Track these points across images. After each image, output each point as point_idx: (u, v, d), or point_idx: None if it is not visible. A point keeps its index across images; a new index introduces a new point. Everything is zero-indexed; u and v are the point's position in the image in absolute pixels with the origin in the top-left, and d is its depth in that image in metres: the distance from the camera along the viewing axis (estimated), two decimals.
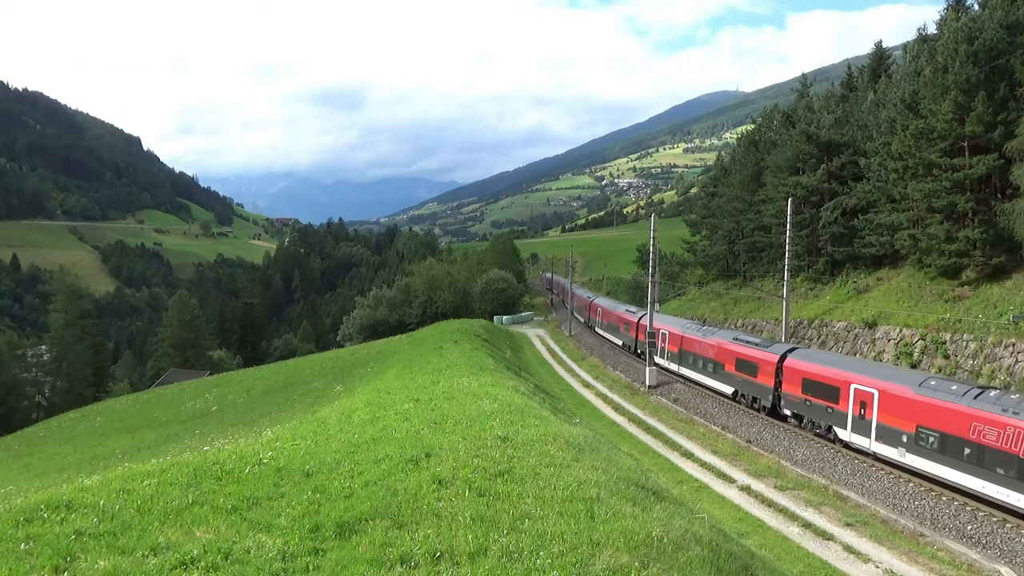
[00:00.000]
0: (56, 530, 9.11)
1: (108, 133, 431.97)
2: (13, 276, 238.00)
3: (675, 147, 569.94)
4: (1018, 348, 28.89)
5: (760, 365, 32.69)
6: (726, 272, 67.60)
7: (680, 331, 42.66)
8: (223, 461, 13.00)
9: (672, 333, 43.66)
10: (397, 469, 11.94)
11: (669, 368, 43.99)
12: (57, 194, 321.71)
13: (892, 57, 55.88)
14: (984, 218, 34.85)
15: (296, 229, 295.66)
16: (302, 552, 8.42)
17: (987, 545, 18.97)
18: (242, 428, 29.45)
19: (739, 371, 34.63)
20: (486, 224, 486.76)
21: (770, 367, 31.79)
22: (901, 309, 37.13)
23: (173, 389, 67.14)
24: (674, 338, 43.17)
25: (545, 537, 8.42)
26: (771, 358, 31.89)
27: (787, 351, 31.48)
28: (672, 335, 43.61)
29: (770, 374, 31.77)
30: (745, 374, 34.03)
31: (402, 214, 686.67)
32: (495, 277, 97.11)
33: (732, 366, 35.33)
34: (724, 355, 36.32)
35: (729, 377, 35.76)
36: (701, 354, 39.02)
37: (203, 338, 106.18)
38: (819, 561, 17.86)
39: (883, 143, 41.46)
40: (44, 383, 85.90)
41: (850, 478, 24.86)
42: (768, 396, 31.91)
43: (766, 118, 67.89)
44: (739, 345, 35.38)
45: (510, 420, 16.71)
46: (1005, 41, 34.21)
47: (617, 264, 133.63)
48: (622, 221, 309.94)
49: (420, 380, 28.60)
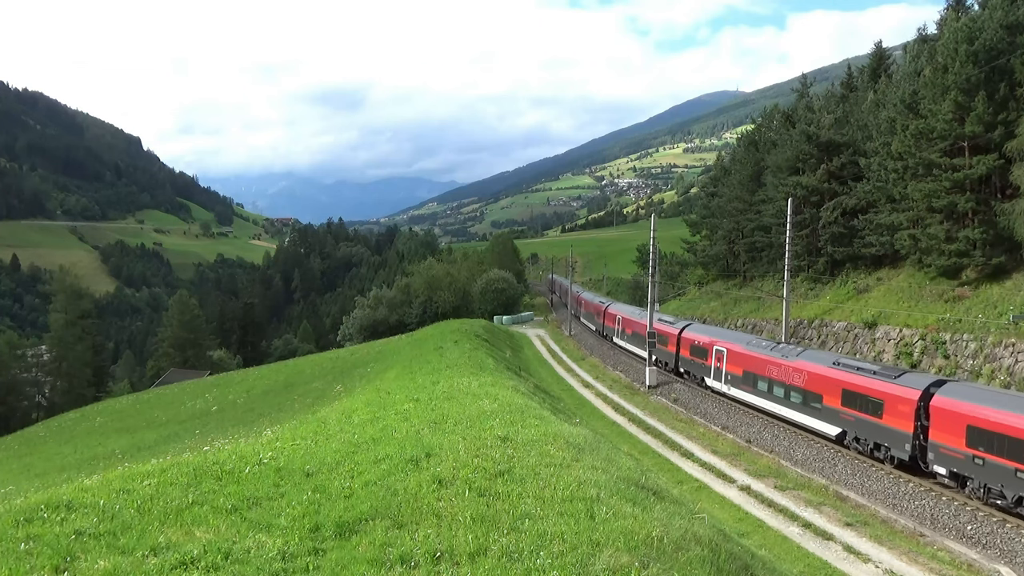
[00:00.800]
0: (56, 530, 9.11)
1: (108, 133, 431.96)
2: (13, 276, 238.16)
3: (675, 147, 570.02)
4: (1018, 348, 28.89)
5: (888, 402, 24.49)
6: (726, 272, 67.62)
7: (744, 348, 34.97)
8: (223, 461, 13.00)
9: (733, 351, 35.79)
10: (397, 469, 11.94)
11: (729, 394, 35.99)
12: (57, 194, 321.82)
13: (892, 57, 55.88)
14: (984, 218, 34.85)
15: (296, 229, 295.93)
16: (302, 552, 8.42)
17: (987, 545, 18.98)
18: (242, 428, 29.46)
19: (850, 407, 26.43)
20: (486, 224, 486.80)
21: (906, 406, 23.61)
22: (901, 309, 37.13)
23: (173, 389, 67.15)
24: (737, 357, 35.30)
25: (545, 537, 8.42)
26: (907, 393, 23.74)
27: (932, 384, 23.63)
28: (734, 353, 35.71)
29: (906, 415, 23.57)
30: (861, 412, 25.86)
31: (402, 214, 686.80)
32: (495, 277, 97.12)
33: (836, 399, 27.33)
34: (823, 384, 28.29)
35: (831, 414, 27.58)
36: (782, 380, 30.92)
37: (203, 338, 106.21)
38: (819, 561, 17.87)
39: (883, 143, 41.46)
40: (44, 383, 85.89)
41: (850, 478, 24.87)
42: (904, 445, 23.75)
43: (766, 118, 67.93)
44: (848, 373, 27.15)
45: (510, 420, 16.71)
46: (1005, 41, 34.22)
47: (617, 264, 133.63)
48: (622, 221, 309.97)
49: (420, 380, 28.61)
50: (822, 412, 28.21)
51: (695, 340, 40.61)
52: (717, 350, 37.48)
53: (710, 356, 38.08)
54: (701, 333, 41.10)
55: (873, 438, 25.41)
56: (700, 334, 40.94)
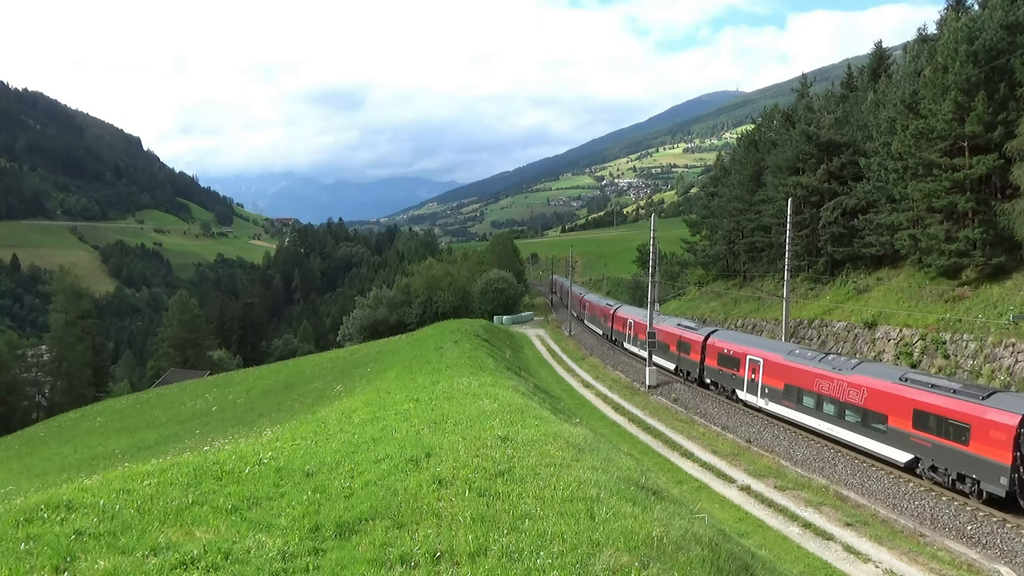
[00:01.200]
0: (56, 530, 9.11)
1: (108, 133, 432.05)
2: (13, 276, 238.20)
3: (675, 147, 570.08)
4: (1018, 348, 28.90)
5: (976, 427, 20.87)
6: (726, 272, 67.63)
7: (785, 359, 31.19)
8: (223, 461, 13.01)
9: (772, 361, 32.06)
10: (397, 469, 11.94)
11: (767, 409, 32.26)
12: (57, 194, 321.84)
13: (892, 57, 55.89)
14: (984, 218, 34.85)
15: (296, 229, 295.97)
16: (302, 552, 8.42)
17: (987, 545, 18.97)
18: (242, 428, 29.47)
19: (925, 430, 22.89)
20: (486, 224, 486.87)
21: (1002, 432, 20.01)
22: (901, 309, 37.13)
23: (173, 389, 67.16)
24: (777, 368, 31.48)
25: (545, 537, 8.41)
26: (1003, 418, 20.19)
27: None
28: (773, 364, 31.89)
29: (1001, 443, 20.03)
30: (940, 437, 22.29)
31: (402, 214, 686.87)
32: (495, 277, 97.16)
33: (906, 420, 23.71)
34: (888, 403, 24.67)
35: (899, 438, 24.05)
36: (834, 396, 27.44)
37: (203, 338, 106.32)
38: (819, 561, 17.87)
39: (883, 143, 41.47)
40: (44, 383, 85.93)
41: (850, 478, 24.85)
42: (998, 478, 20.15)
43: (766, 118, 67.90)
44: (921, 390, 23.36)
45: (510, 420, 16.71)
46: (1005, 41, 34.22)
47: (617, 264, 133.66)
48: (622, 221, 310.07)
49: (420, 380, 28.62)
50: (888, 435, 24.57)
51: (724, 349, 36.92)
52: (751, 360, 33.73)
53: (743, 367, 34.35)
54: (731, 341, 37.32)
55: (956, 468, 21.79)
56: (730, 342, 37.16)
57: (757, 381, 32.97)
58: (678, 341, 43.02)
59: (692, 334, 41.76)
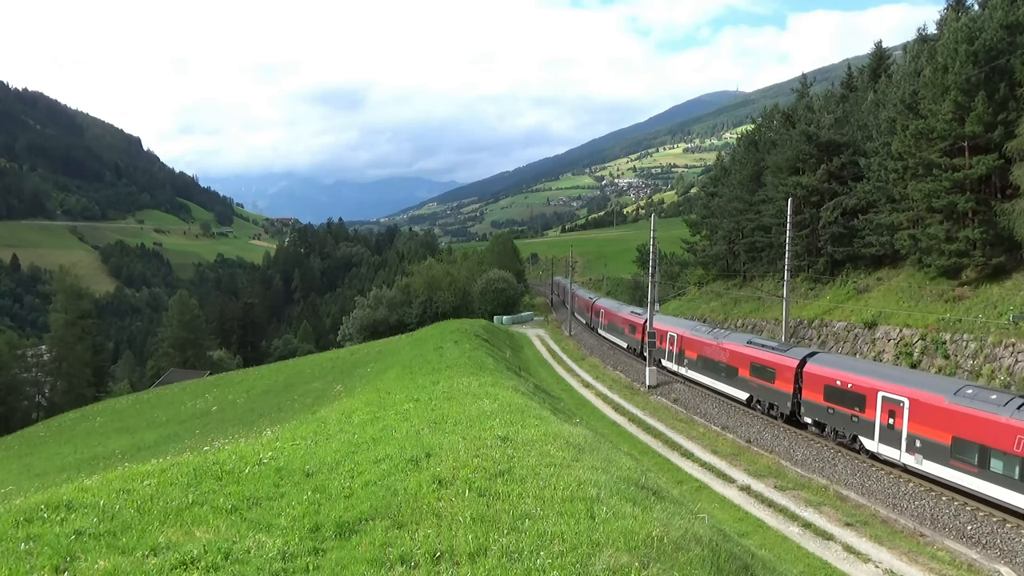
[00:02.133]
0: (56, 530, 9.11)
1: (108, 133, 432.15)
2: (13, 276, 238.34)
3: (675, 147, 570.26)
4: (1018, 348, 28.89)
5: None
6: (726, 272, 67.62)
7: (955, 403, 21.96)
8: (223, 461, 13.01)
9: (929, 404, 22.91)
10: (397, 469, 11.94)
11: (921, 470, 23.24)
12: (57, 194, 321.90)
13: (892, 57, 55.92)
14: (984, 218, 34.85)
15: (296, 229, 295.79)
16: (302, 552, 8.42)
17: (987, 545, 18.97)
18: (242, 428, 29.45)
19: None
20: (486, 224, 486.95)
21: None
22: (901, 309, 37.12)
23: (173, 389, 67.14)
24: (938, 415, 22.36)
25: (545, 537, 8.41)
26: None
27: None
28: (929, 408, 22.83)
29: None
30: None
31: (402, 214, 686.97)
32: (495, 277, 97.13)
33: None
34: None
35: None
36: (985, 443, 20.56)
37: (203, 338, 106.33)
38: (819, 561, 17.86)
39: (883, 143, 41.47)
40: (44, 383, 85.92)
41: (850, 478, 24.84)
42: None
43: (766, 118, 67.90)
44: None
45: (510, 420, 16.71)
46: (1005, 41, 34.21)
47: (617, 264, 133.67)
48: (622, 221, 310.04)
49: (420, 380, 28.62)
50: None
51: (839, 380, 27.24)
52: (889, 399, 24.54)
53: (872, 407, 25.35)
54: (848, 371, 27.43)
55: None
56: (847, 372, 27.34)
57: (900, 431, 23.96)
58: (752, 364, 33.39)
59: (778, 356, 31.90)
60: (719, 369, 36.90)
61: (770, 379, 32.03)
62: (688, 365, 41.40)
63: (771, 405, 32.17)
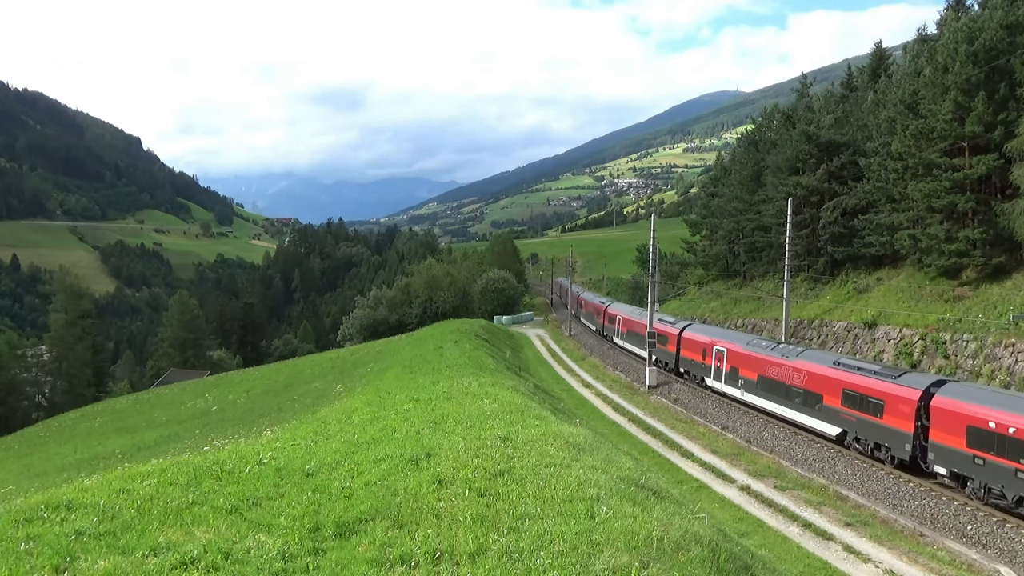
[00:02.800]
0: (56, 530, 9.11)
1: (108, 133, 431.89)
2: (13, 276, 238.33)
3: (675, 147, 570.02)
4: (1018, 348, 28.89)
5: None
6: (726, 272, 67.62)
7: None
8: (223, 461, 13.01)
9: None
10: (397, 469, 11.94)
11: None
12: (57, 194, 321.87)
13: (892, 57, 55.91)
14: (984, 218, 34.85)
15: (296, 229, 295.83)
16: (302, 552, 8.42)
17: (987, 545, 18.97)
18: (242, 428, 29.46)
19: None
20: (486, 224, 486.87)
21: None
22: (901, 309, 37.12)
23: (173, 389, 67.14)
24: None
25: (545, 537, 8.41)
26: None
27: None
28: None
29: None
30: None
31: (402, 214, 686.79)
32: (495, 277, 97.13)
33: None
34: None
35: None
36: None
37: (203, 338, 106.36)
38: (819, 561, 17.86)
39: (883, 143, 41.47)
40: (44, 383, 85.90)
41: (850, 478, 24.84)
42: None
43: (766, 118, 67.91)
44: None
45: (510, 420, 16.71)
46: (1005, 41, 34.22)
47: (617, 264, 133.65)
48: (622, 221, 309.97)
49: (420, 380, 28.62)
50: None
51: (993, 422, 20.13)
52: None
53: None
54: (1006, 409, 20.07)
55: None
56: (1005, 411, 19.99)
57: None
58: (845, 392, 26.92)
59: (888, 384, 25.11)
60: (792, 395, 30.59)
61: (875, 413, 25.37)
62: (745, 387, 34.71)
63: (878, 446, 25.56)
